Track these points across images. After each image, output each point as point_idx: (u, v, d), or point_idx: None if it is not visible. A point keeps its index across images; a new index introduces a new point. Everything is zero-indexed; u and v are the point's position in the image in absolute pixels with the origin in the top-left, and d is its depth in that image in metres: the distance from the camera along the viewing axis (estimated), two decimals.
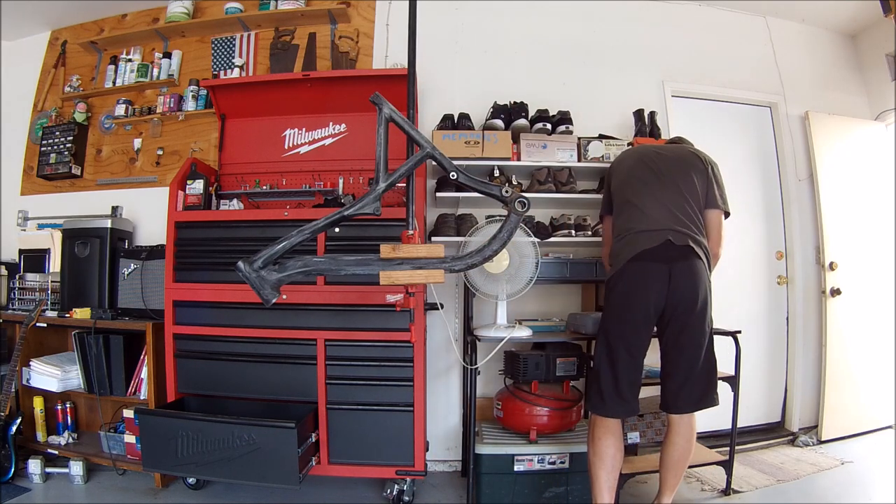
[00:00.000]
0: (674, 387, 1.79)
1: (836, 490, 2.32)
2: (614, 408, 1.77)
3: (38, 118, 3.21)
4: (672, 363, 1.79)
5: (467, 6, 2.94)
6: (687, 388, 1.78)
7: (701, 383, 1.78)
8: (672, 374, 1.80)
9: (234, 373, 2.23)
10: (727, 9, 3.14)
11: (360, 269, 1.38)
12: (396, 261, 1.38)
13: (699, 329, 1.76)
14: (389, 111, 1.45)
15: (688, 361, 1.77)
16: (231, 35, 3.00)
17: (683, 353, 1.77)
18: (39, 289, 2.68)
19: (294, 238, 1.37)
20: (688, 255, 1.75)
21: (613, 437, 1.79)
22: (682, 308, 1.73)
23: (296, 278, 1.39)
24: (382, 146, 1.45)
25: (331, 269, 1.40)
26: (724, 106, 3.13)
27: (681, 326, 1.75)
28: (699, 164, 1.92)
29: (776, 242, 3.13)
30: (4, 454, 2.29)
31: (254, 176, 2.64)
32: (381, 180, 1.44)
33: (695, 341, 1.76)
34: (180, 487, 2.31)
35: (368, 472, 2.19)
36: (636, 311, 1.75)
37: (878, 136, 3.22)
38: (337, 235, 2.19)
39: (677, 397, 1.79)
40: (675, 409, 1.80)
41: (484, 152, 2.46)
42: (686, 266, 1.74)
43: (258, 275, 1.34)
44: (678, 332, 1.76)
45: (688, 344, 1.76)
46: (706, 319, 1.78)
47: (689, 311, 1.73)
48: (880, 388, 3.04)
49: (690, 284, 1.73)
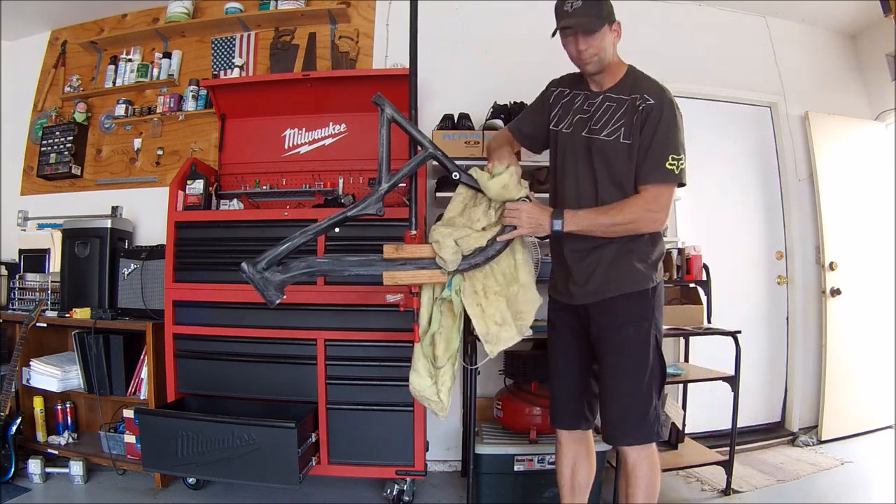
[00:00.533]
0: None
1: (836, 490, 2.32)
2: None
3: (38, 118, 3.21)
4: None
5: (467, 6, 2.94)
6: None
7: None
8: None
9: (234, 373, 2.23)
10: (727, 9, 3.14)
11: (364, 269, 1.38)
12: (399, 261, 1.38)
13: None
14: (391, 112, 1.45)
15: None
16: (231, 35, 3.00)
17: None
18: (39, 289, 2.68)
19: (297, 239, 1.36)
20: None
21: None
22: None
23: (299, 279, 1.37)
24: (385, 147, 1.45)
25: (334, 269, 1.40)
26: (724, 106, 3.13)
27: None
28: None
29: (776, 242, 3.13)
30: (4, 454, 2.29)
31: (254, 176, 2.64)
32: (384, 181, 1.44)
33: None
34: (180, 487, 2.31)
35: (368, 472, 2.19)
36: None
37: (878, 136, 3.23)
38: (337, 236, 2.18)
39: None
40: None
41: (484, 152, 2.46)
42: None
43: (262, 276, 1.33)
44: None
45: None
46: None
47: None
48: (880, 388, 3.04)
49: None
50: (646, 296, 1.47)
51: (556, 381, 1.65)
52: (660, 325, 1.49)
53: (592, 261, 1.47)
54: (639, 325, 1.45)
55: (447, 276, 1.42)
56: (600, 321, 1.49)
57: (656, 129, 1.38)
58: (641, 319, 1.45)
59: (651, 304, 1.47)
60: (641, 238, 1.46)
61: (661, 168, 1.37)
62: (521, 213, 1.42)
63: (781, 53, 3.17)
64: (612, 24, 1.44)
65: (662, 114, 1.39)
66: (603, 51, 1.43)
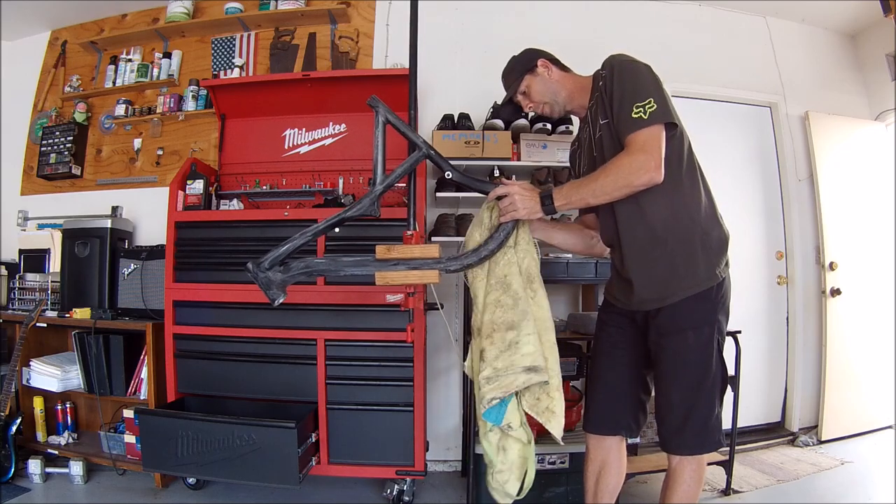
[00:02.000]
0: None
1: (836, 490, 2.32)
2: None
3: (38, 118, 3.21)
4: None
5: (467, 6, 2.94)
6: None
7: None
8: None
9: (234, 373, 2.23)
10: (727, 9, 3.14)
11: (358, 269, 1.40)
12: (392, 261, 1.38)
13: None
14: (385, 113, 1.46)
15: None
16: (231, 35, 3.00)
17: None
18: (39, 289, 2.68)
19: (298, 240, 1.40)
20: None
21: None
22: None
23: (299, 279, 1.40)
24: (380, 148, 1.46)
25: (330, 269, 1.43)
26: (724, 106, 3.13)
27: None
28: None
29: (776, 242, 3.13)
30: (4, 454, 2.29)
31: (254, 176, 2.64)
32: (379, 182, 1.45)
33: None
34: (180, 487, 2.31)
35: (368, 472, 2.19)
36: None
37: (878, 136, 3.23)
38: (337, 236, 2.18)
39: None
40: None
41: (484, 152, 2.46)
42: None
43: (265, 275, 1.37)
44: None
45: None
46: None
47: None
48: (880, 388, 3.04)
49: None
50: (708, 296, 1.37)
51: (598, 384, 1.56)
52: (723, 328, 1.40)
53: (643, 263, 1.39)
54: (699, 330, 1.36)
55: (439, 275, 1.40)
56: (659, 326, 1.40)
57: (613, 90, 1.35)
58: (702, 324, 1.36)
59: (714, 304, 1.37)
60: (693, 226, 1.36)
61: (629, 120, 1.29)
62: (514, 197, 1.37)
63: (781, 53, 3.17)
64: (531, 71, 1.49)
65: (613, 74, 1.36)
66: (545, 94, 1.50)
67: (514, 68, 1.53)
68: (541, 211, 1.38)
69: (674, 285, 1.36)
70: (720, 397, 1.40)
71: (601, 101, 1.40)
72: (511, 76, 1.53)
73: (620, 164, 1.29)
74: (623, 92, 1.33)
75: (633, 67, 1.36)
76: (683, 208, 1.36)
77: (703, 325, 1.36)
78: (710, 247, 1.37)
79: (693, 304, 1.35)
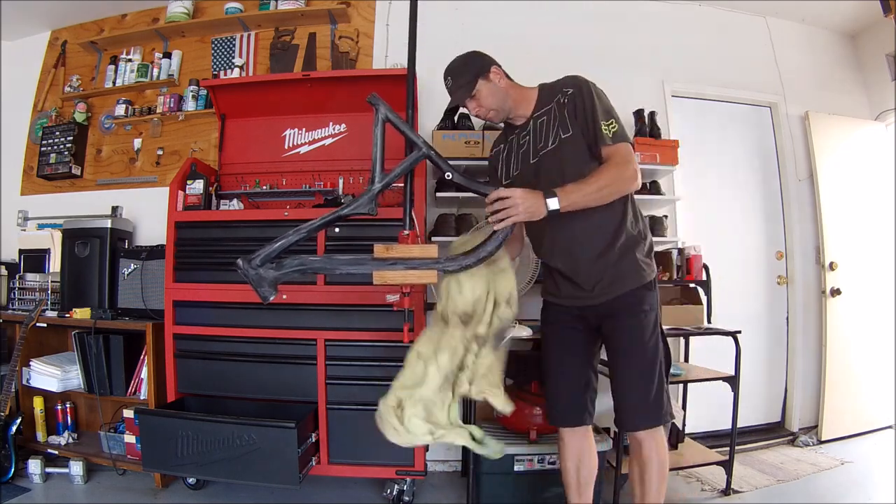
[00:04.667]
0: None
1: (836, 490, 2.32)
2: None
3: (38, 118, 3.21)
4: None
5: (467, 6, 2.94)
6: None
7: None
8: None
9: (234, 373, 2.23)
10: (727, 9, 3.14)
11: (354, 268, 1.38)
12: (390, 261, 1.38)
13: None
14: (386, 112, 1.46)
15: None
16: (231, 35, 3.00)
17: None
18: (39, 289, 2.68)
19: (291, 237, 1.38)
20: None
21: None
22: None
23: (292, 277, 1.38)
24: (379, 147, 1.45)
25: (326, 267, 1.41)
26: (724, 106, 3.13)
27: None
28: None
29: (776, 242, 3.13)
30: (4, 454, 2.29)
31: (254, 176, 2.64)
32: (377, 181, 1.44)
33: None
34: (180, 487, 2.31)
35: (368, 472, 2.19)
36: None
37: (878, 136, 3.23)
38: (337, 235, 2.19)
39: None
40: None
41: (484, 152, 2.46)
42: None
43: (256, 272, 1.34)
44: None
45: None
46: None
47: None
48: (880, 388, 3.04)
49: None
50: (651, 286, 1.56)
51: (557, 379, 1.66)
52: (659, 314, 1.60)
53: (598, 268, 1.52)
54: (647, 314, 1.54)
55: (437, 276, 1.40)
56: (612, 314, 1.55)
57: (585, 106, 1.47)
58: (650, 309, 1.55)
59: (655, 293, 1.58)
60: (635, 234, 1.55)
61: (604, 135, 1.45)
62: (516, 199, 1.36)
63: (781, 53, 3.17)
64: (485, 76, 1.54)
65: (583, 92, 1.49)
66: (494, 101, 1.55)
67: (466, 71, 1.56)
68: (545, 211, 1.38)
69: (627, 280, 1.53)
70: (666, 374, 1.61)
71: (557, 114, 1.51)
72: (463, 78, 1.56)
73: (620, 175, 1.43)
74: (595, 110, 1.46)
75: (598, 90, 1.52)
76: (633, 216, 1.56)
77: (650, 310, 1.55)
78: (647, 248, 1.59)
79: (642, 292, 1.54)
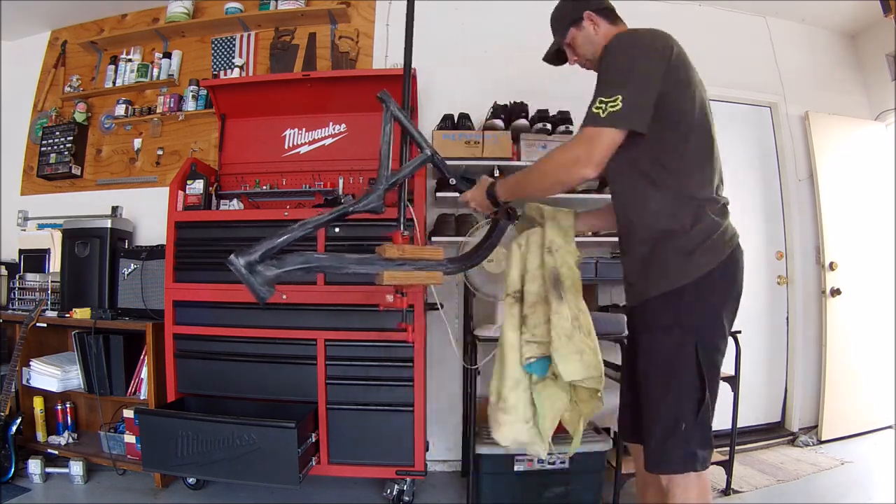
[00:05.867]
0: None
1: (836, 490, 2.32)
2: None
3: (38, 118, 3.21)
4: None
5: (467, 6, 2.94)
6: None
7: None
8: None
9: (234, 373, 2.23)
10: (727, 9, 3.14)
11: (363, 268, 1.33)
12: (398, 261, 1.38)
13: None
14: (395, 110, 1.45)
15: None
16: (231, 35, 3.00)
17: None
18: (39, 289, 2.68)
19: (296, 231, 1.25)
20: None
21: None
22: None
23: (294, 275, 1.26)
24: (388, 144, 1.44)
25: (333, 265, 1.30)
26: (724, 106, 3.12)
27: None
28: None
29: (776, 242, 3.13)
30: (4, 454, 2.29)
31: (254, 176, 2.64)
32: (385, 179, 1.43)
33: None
34: (180, 487, 2.31)
35: (368, 472, 2.19)
36: (730, 324, 1.30)
37: (878, 136, 3.23)
38: (337, 235, 2.19)
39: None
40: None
41: (484, 152, 2.46)
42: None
43: (253, 269, 1.17)
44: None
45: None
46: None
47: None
48: (880, 388, 3.04)
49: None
50: (679, 294, 1.22)
51: (622, 389, 1.50)
52: (703, 332, 1.22)
53: (634, 256, 1.32)
54: (668, 330, 1.22)
55: (442, 276, 1.42)
56: (634, 325, 1.36)
57: (597, 77, 1.24)
58: (672, 325, 1.22)
59: (687, 304, 1.22)
60: (676, 220, 1.23)
61: (589, 112, 1.17)
62: (466, 197, 1.47)
63: (781, 53, 3.17)
64: (576, 24, 1.37)
65: (603, 59, 1.24)
66: (587, 52, 1.39)
67: (558, 18, 1.42)
68: (488, 203, 1.41)
69: (651, 281, 1.26)
70: (693, 411, 1.19)
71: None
72: (556, 26, 1.43)
73: (553, 160, 1.23)
74: (599, 82, 1.21)
75: (624, 49, 1.21)
76: (672, 202, 1.24)
77: (672, 326, 1.22)
78: (691, 241, 1.22)
79: (661, 302, 1.24)
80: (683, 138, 1.22)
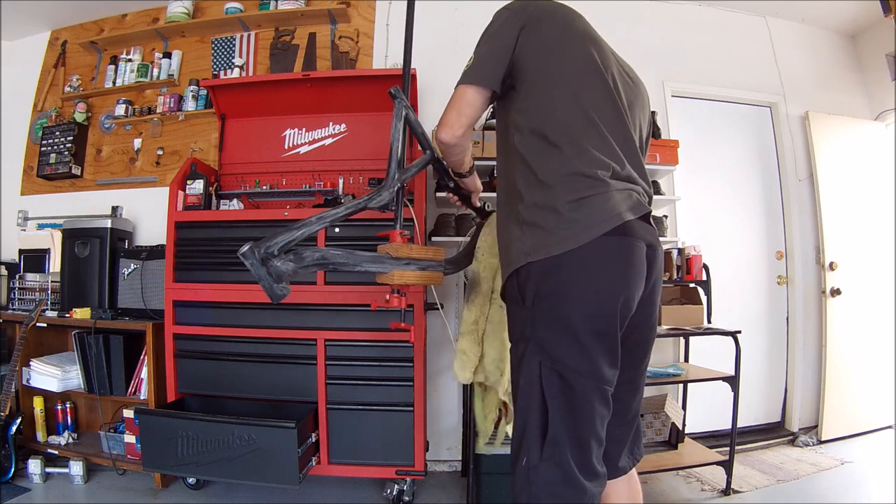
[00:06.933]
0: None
1: (836, 490, 2.32)
2: (587, 489, 0.98)
3: (38, 118, 3.21)
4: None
5: (467, 6, 2.94)
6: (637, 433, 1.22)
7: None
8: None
9: (234, 373, 2.23)
10: (727, 9, 3.14)
11: (375, 266, 1.31)
12: (405, 260, 1.38)
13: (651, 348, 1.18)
14: (406, 107, 1.45)
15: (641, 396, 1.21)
16: (231, 35, 3.00)
17: (641, 389, 1.19)
18: (39, 289, 2.68)
19: (314, 225, 1.18)
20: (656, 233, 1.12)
21: None
22: (652, 319, 1.13)
23: (309, 272, 1.20)
24: (399, 141, 1.43)
25: (347, 262, 1.26)
26: (724, 106, 3.13)
27: (646, 348, 1.16)
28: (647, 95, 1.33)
29: (776, 242, 3.13)
30: (4, 454, 2.29)
31: (254, 176, 2.64)
32: (396, 176, 1.42)
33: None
34: (180, 487, 2.31)
35: (368, 472, 2.19)
36: (612, 323, 0.99)
37: (878, 136, 3.23)
38: (337, 235, 2.19)
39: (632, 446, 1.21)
40: (629, 462, 1.20)
41: (484, 152, 2.46)
42: (660, 252, 1.12)
43: (270, 264, 1.06)
44: (643, 356, 1.15)
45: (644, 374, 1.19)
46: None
47: (654, 325, 1.15)
48: (880, 388, 3.04)
49: (660, 281, 1.14)
50: (514, 284, 1.04)
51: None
52: (548, 344, 0.98)
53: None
54: (515, 344, 1.06)
55: (442, 276, 1.45)
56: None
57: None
58: (518, 337, 1.05)
59: (529, 310, 1.01)
60: (516, 192, 1.08)
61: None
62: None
63: (781, 53, 3.17)
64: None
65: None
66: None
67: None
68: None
69: (502, 256, 1.13)
70: (535, 444, 0.97)
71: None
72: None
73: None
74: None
75: (496, 17, 1.22)
76: (520, 168, 1.10)
77: (518, 338, 1.04)
78: (525, 210, 1.04)
79: (508, 301, 1.09)
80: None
